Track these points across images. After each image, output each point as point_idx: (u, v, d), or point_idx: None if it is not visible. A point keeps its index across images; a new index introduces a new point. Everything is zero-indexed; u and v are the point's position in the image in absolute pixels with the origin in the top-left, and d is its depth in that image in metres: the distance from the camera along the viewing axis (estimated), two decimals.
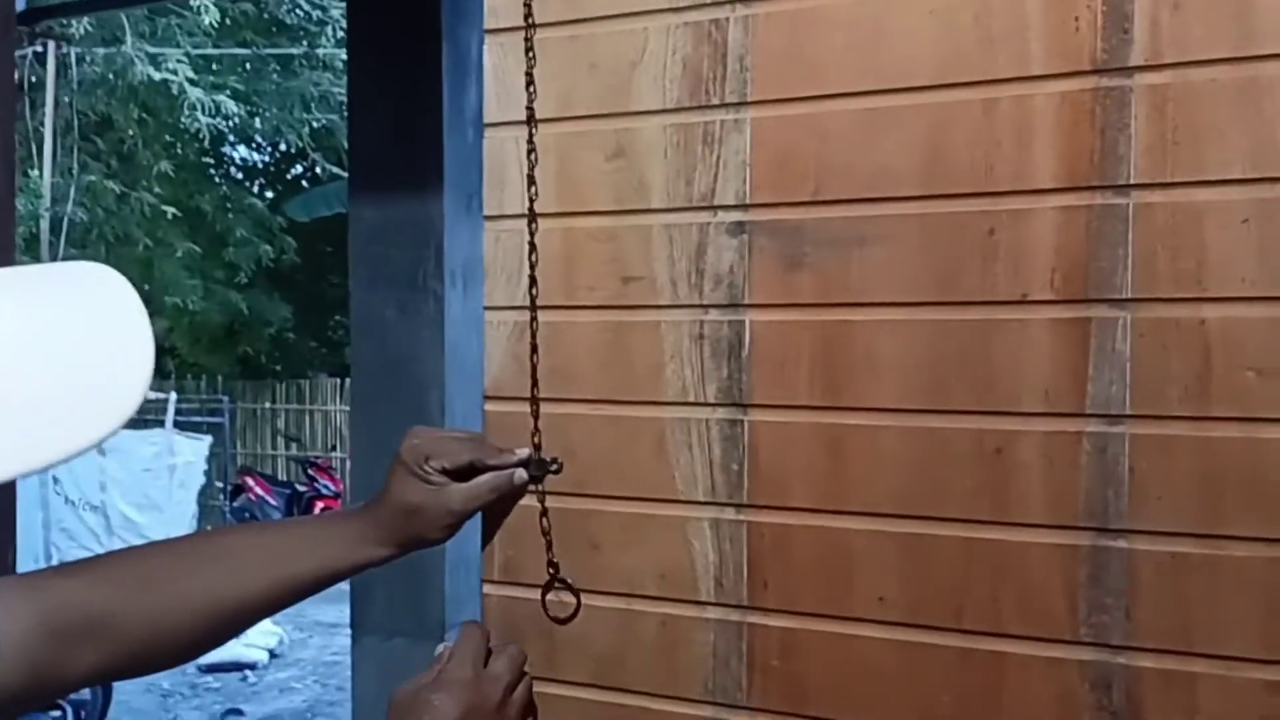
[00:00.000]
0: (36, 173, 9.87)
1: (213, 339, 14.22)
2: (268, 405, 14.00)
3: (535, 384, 0.93)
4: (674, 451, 0.90)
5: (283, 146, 12.89)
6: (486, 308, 0.96)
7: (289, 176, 14.74)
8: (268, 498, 11.70)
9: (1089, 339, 0.77)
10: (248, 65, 10.99)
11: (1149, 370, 0.76)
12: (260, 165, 14.77)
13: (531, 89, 0.91)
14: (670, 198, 0.89)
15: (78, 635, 0.75)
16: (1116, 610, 0.77)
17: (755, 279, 0.87)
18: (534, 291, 0.92)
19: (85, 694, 5.63)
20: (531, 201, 0.92)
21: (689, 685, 0.90)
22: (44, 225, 9.85)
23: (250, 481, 11.94)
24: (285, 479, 12.57)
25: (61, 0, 6.85)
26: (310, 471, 11.18)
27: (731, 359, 0.88)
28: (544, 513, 0.92)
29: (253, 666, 7.27)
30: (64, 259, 10.45)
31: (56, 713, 5.01)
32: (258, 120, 11.60)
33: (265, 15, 11.06)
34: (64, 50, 10.04)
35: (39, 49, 9.67)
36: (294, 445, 12.99)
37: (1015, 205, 0.79)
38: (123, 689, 6.02)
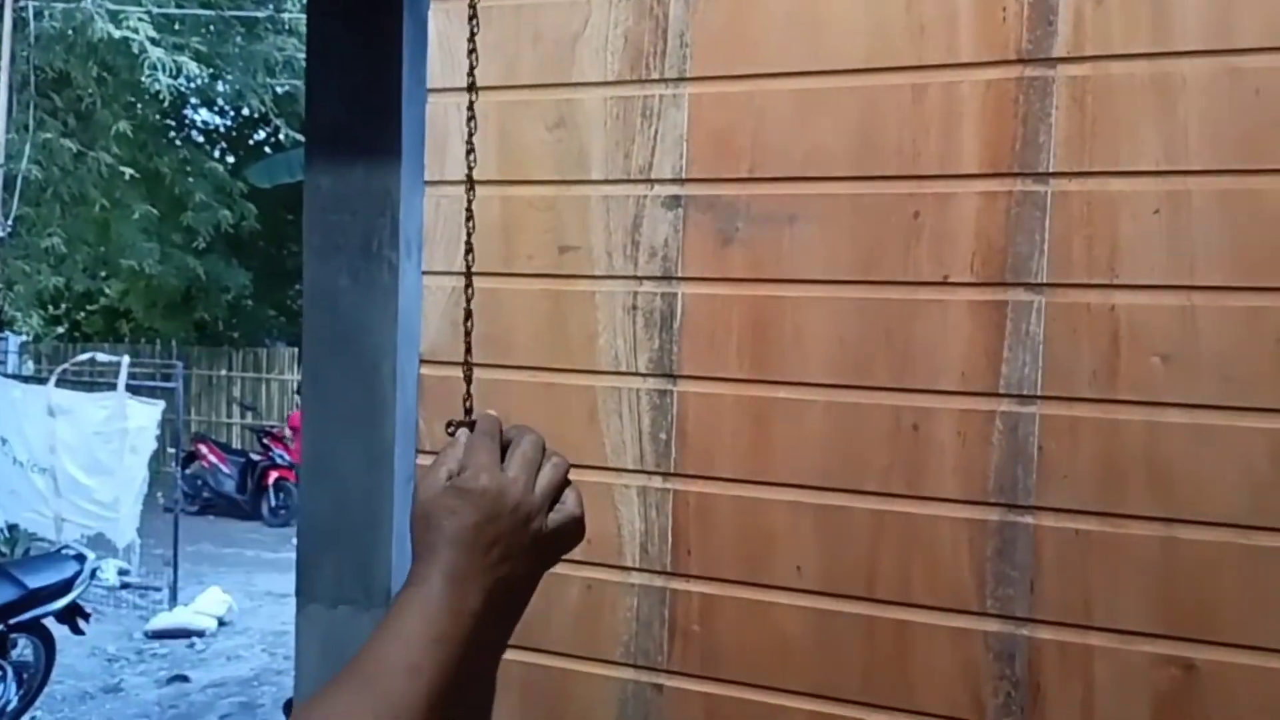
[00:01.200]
0: None
1: (169, 304, 14.03)
2: (224, 373, 13.86)
3: (469, 350, 0.94)
4: (605, 420, 0.92)
5: (245, 111, 12.71)
6: (425, 273, 0.97)
7: (251, 142, 14.53)
8: (221, 465, 11.59)
9: (1005, 321, 0.80)
10: (211, 27, 10.82)
11: (1060, 353, 0.78)
12: (222, 129, 14.55)
13: (474, 56, 0.92)
14: (609, 169, 0.90)
15: None
16: (1021, 584, 0.80)
17: (689, 253, 0.88)
18: (470, 258, 0.93)
19: (28, 654, 5.58)
20: (470, 168, 0.93)
21: (611, 648, 0.92)
22: None
23: (204, 449, 11.82)
24: (240, 447, 12.46)
25: None
26: (265, 440, 11.09)
27: (663, 330, 0.89)
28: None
29: (200, 634, 7.23)
30: (17, 216, 10.26)
31: None
32: (220, 84, 11.43)
33: None
34: (21, 3, 9.85)
35: None
36: (249, 414, 12.86)
37: (940, 189, 0.81)
38: (67, 652, 5.97)
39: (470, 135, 0.91)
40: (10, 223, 10.13)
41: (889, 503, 0.83)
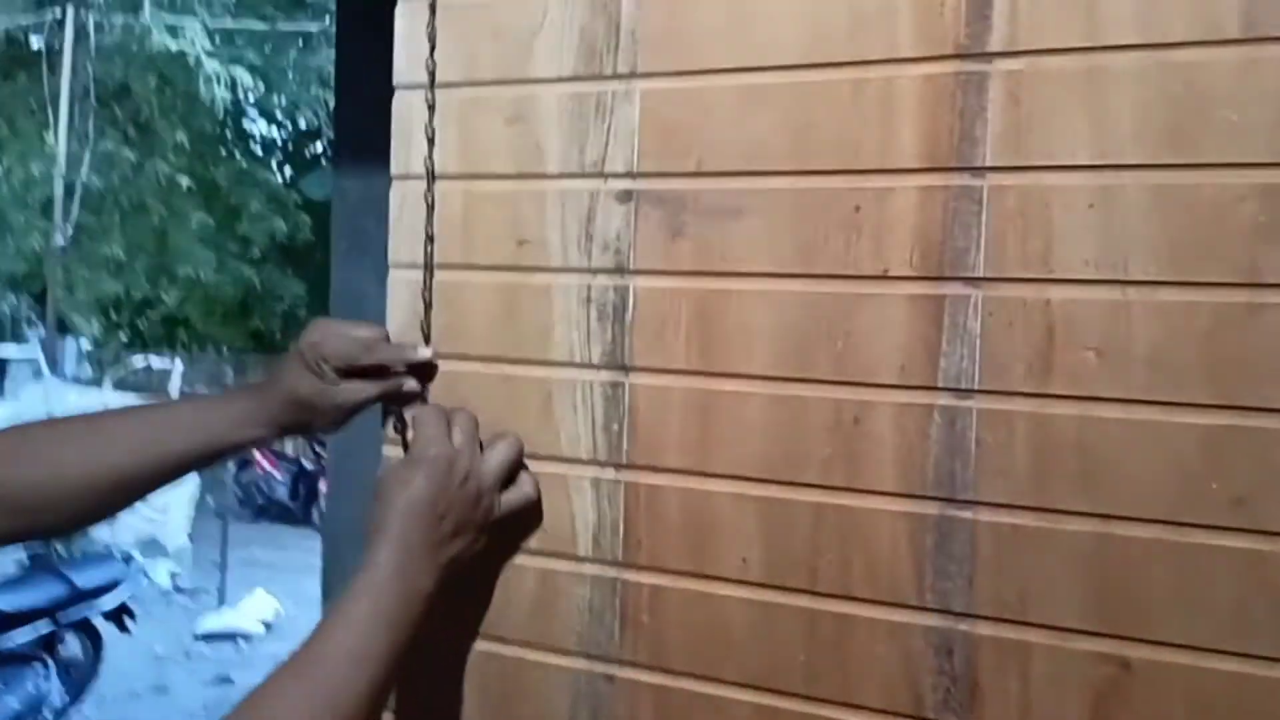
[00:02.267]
0: (52, 138, 9.95)
1: (226, 312, 14.34)
2: None
3: (428, 341, 0.96)
4: (560, 412, 0.93)
5: (302, 124, 12.96)
6: (391, 265, 0.99)
7: (307, 154, 14.81)
8: (274, 472, 11.78)
9: (943, 315, 0.80)
10: (267, 41, 11.07)
11: (997, 347, 0.78)
12: (278, 141, 14.86)
13: (433, 53, 0.94)
14: (564, 163, 0.92)
15: None
16: (960, 578, 0.80)
17: (640, 246, 0.89)
18: (430, 250, 0.95)
19: (76, 652, 5.71)
20: (430, 162, 0.95)
21: (564, 638, 0.93)
22: (59, 190, 9.93)
23: (258, 456, 12.03)
24: (294, 455, 12.66)
25: None
26: (317, 449, 11.25)
27: (616, 323, 0.90)
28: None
29: (247, 637, 7.35)
30: (78, 224, 10.55)
31: (41, 667, 5.09)
32: (276, 96, 11.67)
33: None
34: (83, 16, 10.14)
35: (58, 15, 9.77)
36: None
37: (879, 184, 0.81)
38: (116, 651, 6.10)
39: (431, 130, 0.93)
40: (71, 230, 10.41)
41: (830, 495, 0.83)
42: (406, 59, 0.97)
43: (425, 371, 0.94)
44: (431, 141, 0.95)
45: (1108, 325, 0.75)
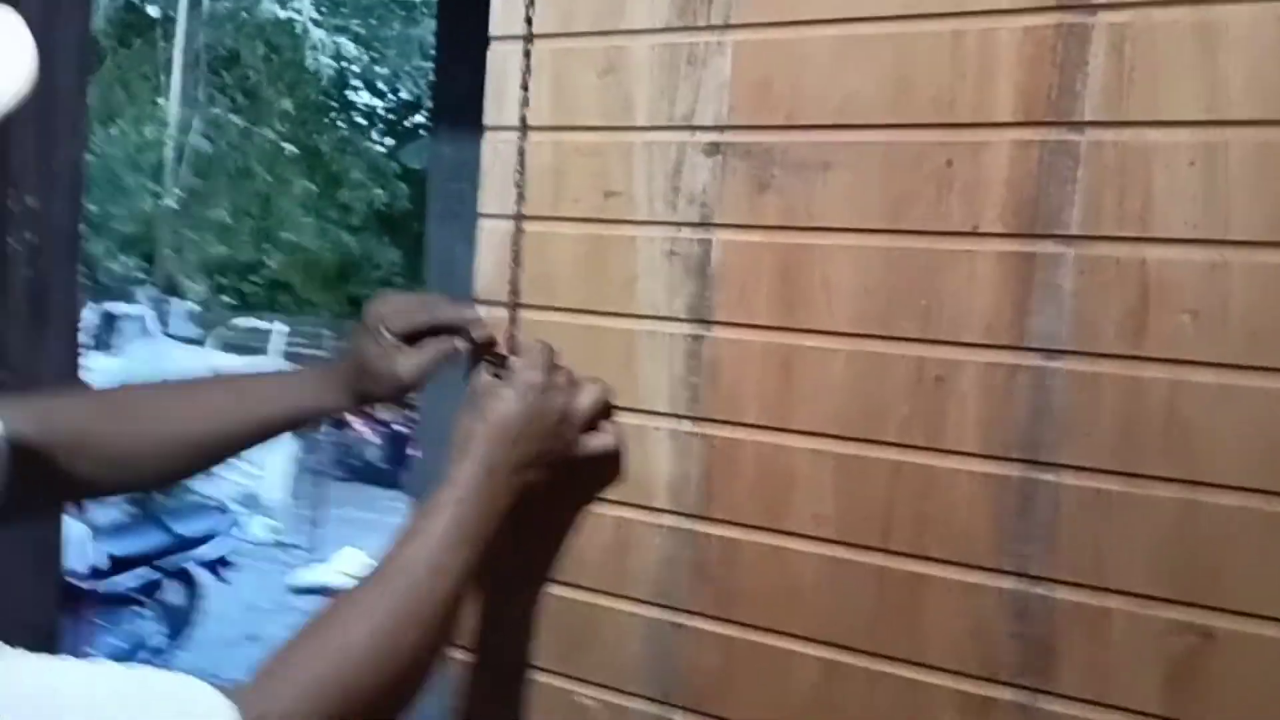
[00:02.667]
0: (165, 102, 10.30)
1: (325, 277, 14.70)
2: None
3: (515, 290, 0.97)
4: (641, 363, 0.94)
5: (403, 94, 13.17)
6: (480, 215, 1.00)
7: (406, 124, 15.06)
8: (369, 434, 12.07)
9: (1034, 274, 0.78)
10: (372, 11, 11.26)
11: (1088, 308, 0.76)
12: (380, 111, 15.13)
13: (530, 4, 0.95)
14: (653, 116, 0.92)
15: (69, 446, 0.85)
16: (1039, 541, 0.78)
17: (726, 200, 0.89)
18: (520, 201, 0.97)
19: (177, 599, 5.95)
20: (524, 112, 0.96)
21: (638, 586, 0.94)
22: (169, 153, 10.29)
23: (352, 418, 12.34)
24: (386, 419, 12.94)
25: None
26: (409, 414, 11.48)
27: (699, 276, 0.91)
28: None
29: (338, 592, 7.56)
30: (186, 187, 10.92)
31: (148, 611, 5.31)
32: (379, 66, 11.88)
33: None
34: None
35: None
36: None
37: (974, 138, 0.80)
38: (213, 601, 6.32)
39: (525, 81, 0.94)
40: (180, 193, 10.78)
41: (909, 454, 0.83)
42: (503, 11, 0.98)
43: (483, 343, 0.95)
44: (526, 91, 0.96)
45: (1205, 287, 0.72)
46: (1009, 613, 0.79)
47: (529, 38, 0.96)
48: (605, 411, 0.93)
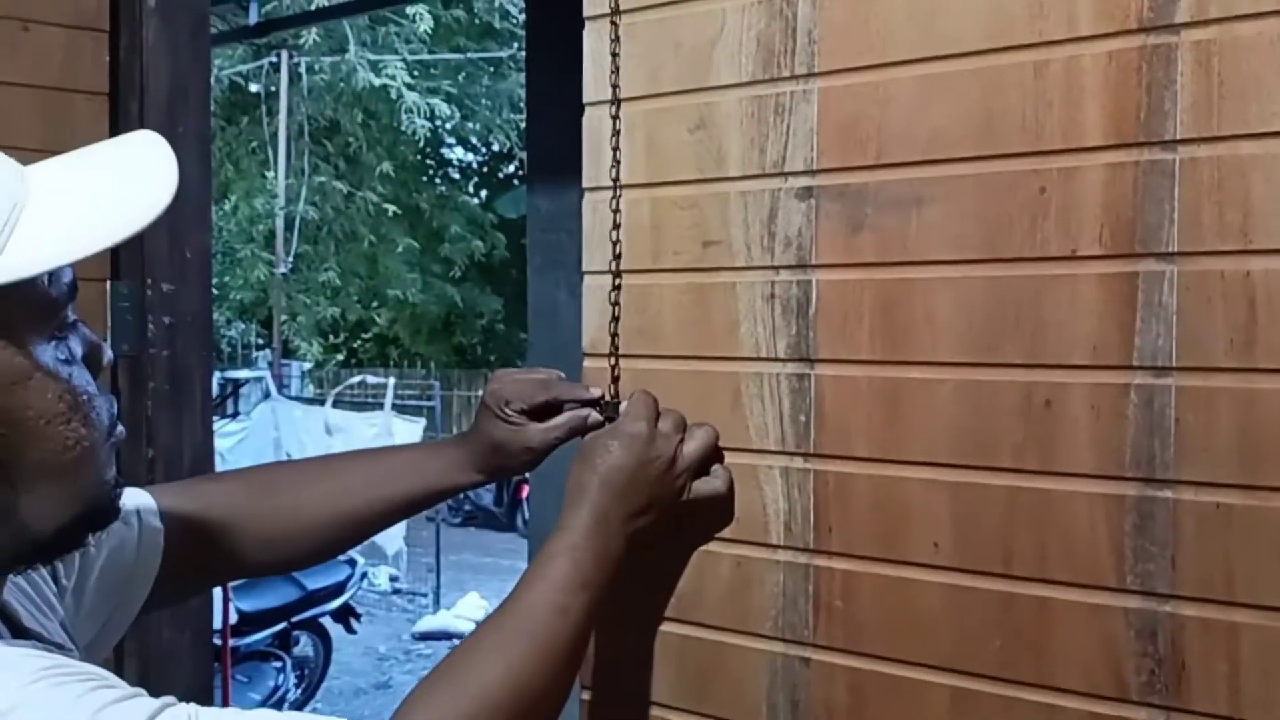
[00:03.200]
0: (272, 174, 10.78)
1: (431, 330, 15.09)
2: (480, 393, 14.69)
3: (615, 337, 1.01)
4: (748, 404, 0.96)
5: (495, 146, 13.50)
6: (585, 272, 1.05)
7: (500, 175, 15.42)
8: None
9: (1136, 293, 0.79)
10: (461, 70, 11.60)
11: (1195, 323, 0.76)
12: (474, 165, 15.52)
13: (616, 71, 1.00)
14: (745, 166, 0.95)
15: (226, 526, 0.93)
16: (1161, 559, 0.78)
17: (821, 241, 0.92)
18: (618, 255, 1.01)
19: (308, 651, 6.13)
20: (616, 171, 1.00)
21: (760, 622, 0.96)
22: (279, 223, 10.77)
23: None
24: None
25: (290, 13, 7.45)
26: None
27: (800, 317, 0.93)
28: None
29: (461, 636, 7.71)
30: (297, 254, 11.39)
31: (279, 664, 5.48)
32: (470, 122, 12.21)
33: (476, 21, 11.62)
34: (295, 60, 10.96)
35: (273, 59, 10.61)
36: None
37: (1065, 164, 0.81)
38: (342, 650, 6.50)
39: (616, 142, 0.98)
40: (291, 260, 11.24)
41: (1023, 479, 0.83)
42: (594, 77, 1.03)
43: (605, 408, 0.99)
44: (617, 152, 1.00)
45: None
46: (1136, 632, 0.79)
47: (616, 101, 1.00)
48: (715, 455, 0.96)
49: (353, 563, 6.70)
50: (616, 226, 1.01)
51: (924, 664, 0.88)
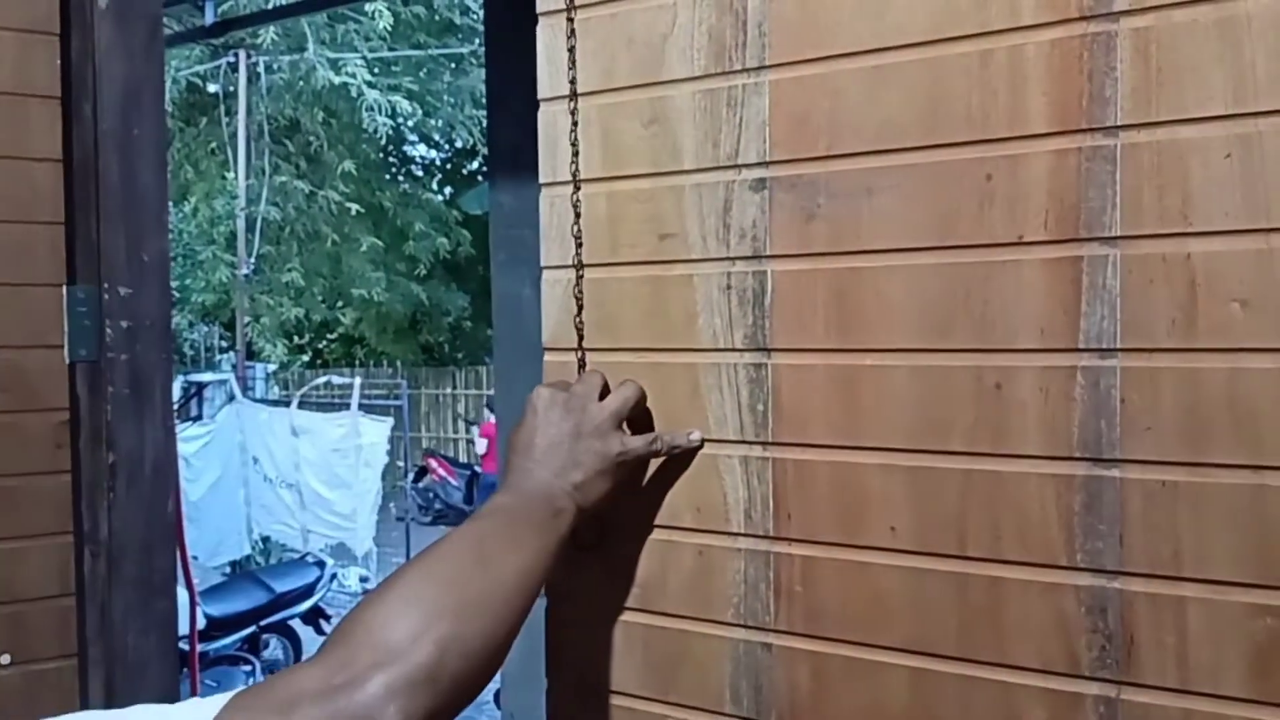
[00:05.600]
0: (233, 175, 10.67)
1: (397, 328, 15.01)
2: (449, 391, 14.65)
3: (580, 330, 1.02)
4: (706, 394, 0.97)
5: (458, 143, 13.44)
6: (544, 267, 1.05)
7: (464, 172, 15.35)
8: (450, 478, 12.26)
9: (1081, 276, 0.80)
10: (422, 67, 11.53)
11: (1138, 305, 0.78)
12: (437, 162, 15.44)
13: (573, 65, 1.00)
14: (699, 159, 0.96)
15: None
16: (1110, 537, 0.80)
17: (775, 232, 0.93)
18: (579, 249, 1.01)
19: (278, 653, 6.10)
20: (575, 166, 1.01)
21: (722, 610, 0.97)
22: (241, 224, 10.66)
23: (434, 464, 12.54)
24: (466, 461, 13.14)
25: (247, 12, 7.38)
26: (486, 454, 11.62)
27: (756, 307, 0.94)
28: None
29: None
30: (259, 255, 11.29)
31: (248, 668, 5.45)
32: (432, 119, 12.14)
33: (436, 17, 11.56)
34: (253, 59, 10.85)
35: (231, 59, 10.50)
36: (473, 429, 13.57)
37: (1010, 151, 0.82)
38: (312, 653, 6.46)
39: (574, 137, 0.99)
40: (253, 261, 11.14)
41: (976, 461, 0.85)
42: (548, 73, 1.04)
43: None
44: (575, 147, 1.01)
45: (1252, 275, 0.74)
46: (1087, 609, 0.81)
47: (574, 96, 1.01)
48: (642, 411, 0.98)
49: (322, 564, 6.66)
50: (577, 218, 1.02)
51: (884, 646, 0.89)
